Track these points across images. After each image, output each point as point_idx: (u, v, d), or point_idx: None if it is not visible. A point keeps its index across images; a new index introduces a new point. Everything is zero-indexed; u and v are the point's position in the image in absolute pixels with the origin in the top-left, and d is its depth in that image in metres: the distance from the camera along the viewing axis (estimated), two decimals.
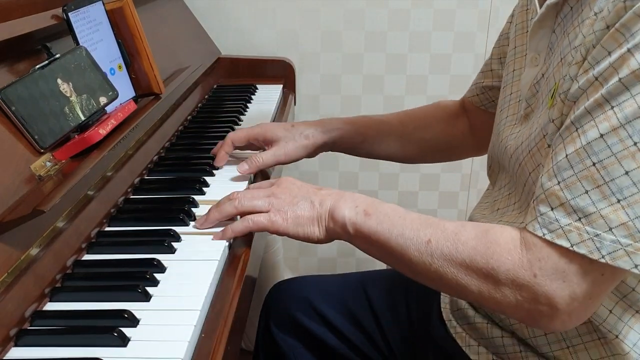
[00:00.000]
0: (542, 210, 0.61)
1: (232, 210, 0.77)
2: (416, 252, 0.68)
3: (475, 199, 1.80)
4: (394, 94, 1.73)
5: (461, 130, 1.06)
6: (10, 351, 0.59)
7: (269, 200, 0.76)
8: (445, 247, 0.66)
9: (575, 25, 0.67)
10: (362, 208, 0.73)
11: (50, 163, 0.74)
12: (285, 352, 0.98)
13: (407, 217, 0.70)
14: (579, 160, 0.59)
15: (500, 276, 0.63)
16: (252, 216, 0.75)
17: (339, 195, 0.75)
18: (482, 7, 1.64)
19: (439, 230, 0.68)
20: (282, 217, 0.75)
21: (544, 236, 0.61)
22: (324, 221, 0.74)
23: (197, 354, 0.60)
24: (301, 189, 0.77)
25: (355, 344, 0.96)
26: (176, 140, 1.14)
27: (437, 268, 0.67)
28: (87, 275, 0.72)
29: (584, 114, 0.59)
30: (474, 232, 0.66)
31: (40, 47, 0.83)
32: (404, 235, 0.69)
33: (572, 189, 0.59)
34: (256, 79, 1.57)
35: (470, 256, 0.65)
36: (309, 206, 0.75)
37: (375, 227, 0.71)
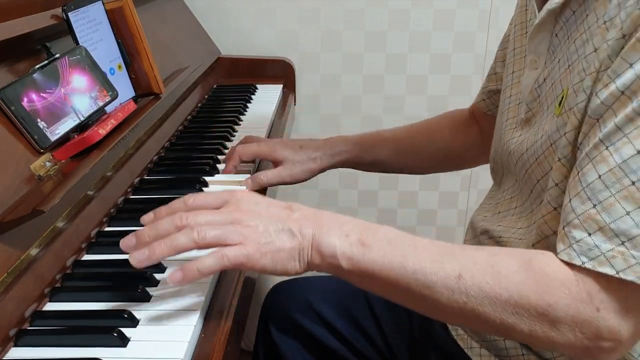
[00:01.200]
0: (578, 237, 0.56)
1: (191, 245, 0.60)
2: (444, 290, 0.58)
3: (475, 199, 1.80)
4: (394, 94, 1.73)
5: (472, 139, 1.05)
6: (10, 351, 0.59)
7: (236, 230, 0.61)
8: (484, 282, 0.57)
9: (582, 32, 0.65)
10: (356, 237, 0.61)
11: (50, 163, 0.74)
12: (285, 353, 0.97)
13: (418, 245, 0.61)
14: (615, 180, 0.54)
15: (559, 313, 0.56)
16: (226, 251, 0.60)
17: (316, 219, 0.63)
18: (482, 7, 1.64)
19: (468, 261, 0.59)
20: (260, 252, 0.61)
21: (584, 264, 0.55)
22: (306, 255, 0.62)
23: (197, 354, 0.60)
24: (269, 210, 0.64)
25: (355, 346, 0.95)
26: (176, 140, 1.14)
27: (474, 307, 0.58)
28: (87, 275, 0.72)
29: (614, 131, 0.55)
30: (514, 263, 0.58)
31: (40, 47, 0.83)
32: (425, 270, 0.59)
33: (610, 212, 0.54)
34: (256, 79, 1.57)
35: (519, 292, 0.57)
36: (288, 237, 0.62)
37: (380, 261, 0.60)
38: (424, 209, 1.85)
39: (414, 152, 1.05)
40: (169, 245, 0.60)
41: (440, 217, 1.86)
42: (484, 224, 0.82)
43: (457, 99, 1.71)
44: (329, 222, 0.63)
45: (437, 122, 1.09)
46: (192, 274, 0.59)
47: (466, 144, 1.05)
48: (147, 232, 0.62)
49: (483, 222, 0.83)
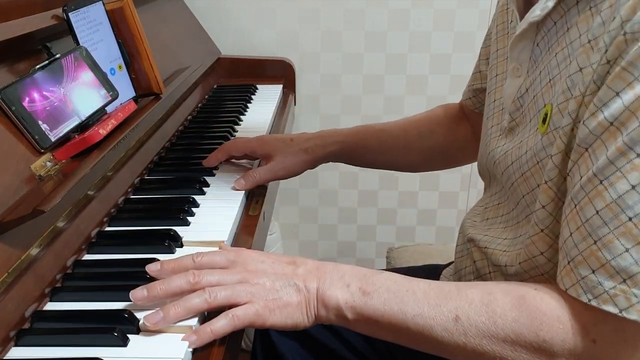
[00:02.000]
0: (583, 274, 0.56)
1: (203, 307, 0.62)
2: (444, 333, 0.60)
3: (475, 199, 1.80)
4: (394, 94, 1.73)
5: (463, 135, 1.04)
6: (10, 351, 0.59)
7: (246, 290, 0.63)
8: (480, 322, 0.59)
9: (563, 46, 0.64)
10: (357, 286, 0.63)
11: (50, 163, 0.74)
12: (283, 353, 0.97)
13: (415, 289, 0.62)
14: (612, 216, 0.54)
15: (555, 348, 0.57)
16: (235, 311, 0.62)
17: (320, 271, 0.65)
18: (482, 7, 1.64)
19: (464, 302, 0.60)
20: (269, 309, 0.63)
21: (590, 302, 0.55)
22: (313, 308, 0.64)
23: (197, 354, 0.60)
24: (274, 267, 0.66)
25: (354, 345, 0.95)
26: (176, 140, 1.14)
27: (474, 347, 0.59)
28: (87, 275, 0.72)
29: (606, 165, 0.54)
30: (508, 301, 0.59)
31: (40, 47, 0.83)
32: (423, 314, 0.60)
33: (610, 249, 0.54)
34: (256, 79, 1.57)
35: (514, 331, 0.58)
36: (294, 291, 0.64)
37: (381, 308, 0.62)
38: (423, 209, 1.86)
39: (405, 147, 1.04)
40: (184, 307, 0.62)
41: (440, 217, 1.87)
42: (471, 232, 0.82)
43: (457, 99, 1.70)
44: (331, 274, 0.65)
45: (429, 117, 1.08)
46: (206, 336, 0.61)
47: (458, 139, 1.05)
48: (160, 286, 0.63)
49: (471, 228, 0.83)
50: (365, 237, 1.90)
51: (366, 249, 1.91)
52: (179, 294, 0.63)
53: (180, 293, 0.63)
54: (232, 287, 0.63)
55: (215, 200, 0.90)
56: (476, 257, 0.79)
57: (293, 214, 1.87)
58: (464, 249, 0.84)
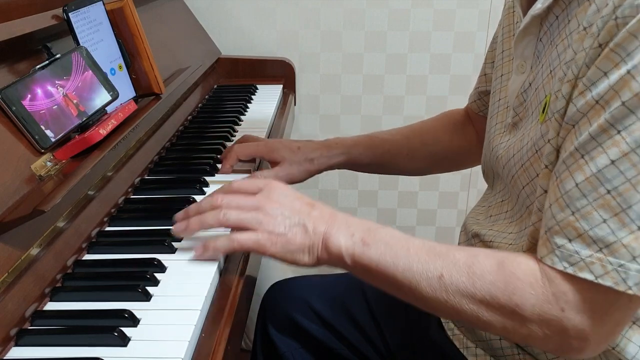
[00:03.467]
0: (559, 243, 0.59)
1: (216, 223, 0.71)
2: (428, 288, 0.64)
3: (475, 199, 1.80)
4: (394, 94, 1.73)
5: (469, 140, 1.05)
6: (10, 351, 0.59)
7: (257, 217, 0.69)
8: (460, 282, 0.62)
9: (563, 37, 0.66)
10: (360, 236, 0.68)
11: (50, 163, 0.74)
12: (283, 353, 0.98)
13: (410, 245, 0.66)
14: (591, 188, 0.57)
15: (526, 313, 0.60)
16: (237, 236, 0.69)
17: (332, 218, 0.70)
18: (482, 7, 1.64)
19: (449, 261, 0.64)
20: (271, 241, 0.68)
21: (565, 270, 0.58)
22: (317, 250, 0.69)
23: (197, 354, 0.60)
24: (293, 204, 0.71)
25: (354, 345, 0.96)
26: (176, 140, 1.14)
27: (454, 304, 0.63)
28: (87, 275, 0.72)
29: (588, 140, 0.57)
30: (488, 264, 0.62)
31: (40, 47, 0.83)
32: (412, 269, 0.64)
33: (588, 219, 0.57)
34: (256, 79, 1.57)
35: (489, 292, 0.61)
36: (302, 232, 0.69)
37: (376, 258, 0.66)
38: (423, 209, 1.86)
39: (410, 155, 1.05)
40: (199, 221, 0.72)
41: (440, 217, 1.87)
42: (475, 228, 0.82)
43: (457, 99, 1.71)
44: (340, 222, 0.69)
45: (434, 123, 1.09)
46: (209, 253, 0.71)
47: (463, 145, 1.05)
48: (193, 208, 0.74)
49: (475, 225, 0.83)
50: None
51: None
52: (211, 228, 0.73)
53: (211, 227, 0.72)
54: (245, 212, 0.70)
55: None
56: None
57: None
58: (467, 245, 0.84)
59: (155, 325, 0.62)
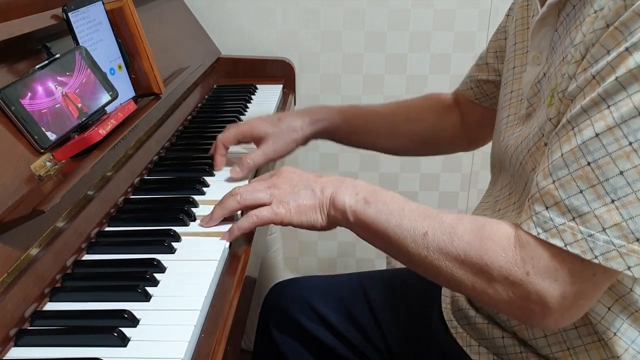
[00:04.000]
0: (537, 209, 0.61)
1: (235, 205, 0.77)
2: (413, 244, 0.68)
3: (475, 199, 1.80)
4: (394, 94, 1.73)
5: (452, 124, 1.06)
6: (10, 351, 0.59)
7: (270, 192, 0.76)
8: (441, 240, 0.66)
9: (577, 25, 0.67)
10: (363, 196, 0.72)
11: (50, 163, 0.74)
12: (285, 352, 0.98)
13: (405, 207, 0.70)
14: (574, 159, 0.59)
15: (494, 272, 0.63)
16: (255, 211, 0.76)
17: (339, 181, 0.75)
18: (482, 7, 1.64)
19: (436, 222, 0.67)
20: (285, 208, 0.75)
21: (539, 235, 0.61)
22: (325, 208, 0.74)
23: (197, 354, 0.60)
24: (301, 177, 0.77)
25: (355, 345, 0.96)
26: (176, 140, 1.14)
27: (432, 261, 0.67)
28: (87, 275, 0.72)
29: (580, 113, 0.59)
30: (470, 226, 0.66)
31: (40, 47, 0.83)
32: (402, 225, 0.69)
33: (566, 188, 0.59)
34: (256, 79, 1.57)
35: (464, 251, 0.65)
36: (310, 194, 0.75)
37: (373, 215, 0.71)
38: None
39: (392, 129, 1.05)
40: (223, 207, 0.78)
41: None
42: None
43: None
44: (348, 184, 0.75)
45: (419, 103, 1.09)
46: (234, 232, 0.76)
47: (446, 129, 1.06)
48: (217, 211, 0.79)
49: None
50: None
51: (366, 249, 1.91)
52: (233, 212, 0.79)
53: (233, 211, 0.79)
54: (258, 191, 0.76)
55: (215, 201, 0.89)
56: None
57: None
58: None
59: (155, 325, 0.62)
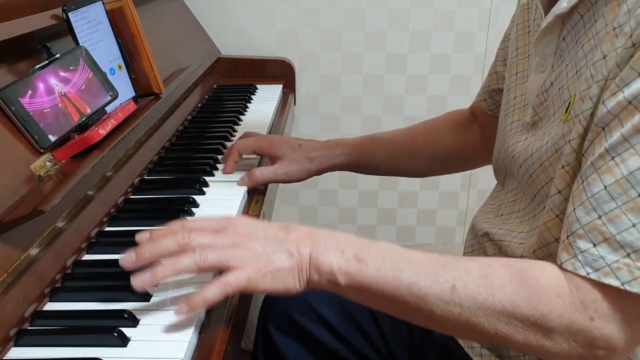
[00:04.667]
0: (583, 247, 0.56)
1: (193, 267, 0.61)
2: (439, 302, 0.59)
3: (475, 199, 1.80)
4: (394, 94, 1.73)
5: (472, 140, 1.04)
6: (10, 351, 0.59)
7: (237, 254, 0.62)
8: (476, 293, 0.58)
9: (590, 37, 0.64)
10: (352, 252, 0.63)
11: (50, 163, 0.74)
12: (284, 353, 0.97)
13: (412, 259, 0.62)
14: (621, 191, 0.54)
15: (552, 323, 0.56)
16: (228, 279, 0.61)
17: (313, 238, 0.65)
18: (482, 7, 1.64)
19: (461, 272, 0.59)
20: (261, 274, 0.62)
21: (589, 275, 0.56)
22: (305, 272, 0.63)
23: (197, 354, 0.60)
24: (266, 232, 0.65)
25: (355, 346, 0.95)
26: (176, 140, 1.14)
27: (469, 318, 0.58)
28: (87, 275, 0.72)
29: (620, 142, 0.55)
30: (507, 273, 0.59)
31: (40, 47, 0.83)
32: (419, 283, 0.59)
33: (616, 223, 0.54)
34: (256, 79, 1.57)
35: (511, 302, 0.57)
36: (287, 256, 0.63)
37: (376, 275, 0.61)
38: (424, 209, 1.85)
39: (412, 155, 1.04)
40: (172, 267, 0.60)
41: (440, 217, 1.86)
42: (485, 227, 0.81)
43: (457, 99, 1.71)
44: (325, 240, 0.64)
45: (436, 124, 1.07)
46: (198, 305, 0.60)
47: (467, 145, 1.05)
48: (148, 249, 0.62)
49: (485, 223, 0.83)
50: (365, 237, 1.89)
51: None
52: (167, 255, 0.61)
53: (168, 255, 0.61)
54: (223, 250, 0.62)
55: (215, 201, 0.90)
56: (489, 251, 0.79)
57: (293, 214, 1.87)
58: (475, 243, 0.84)
59: (155, 325, 0.62)
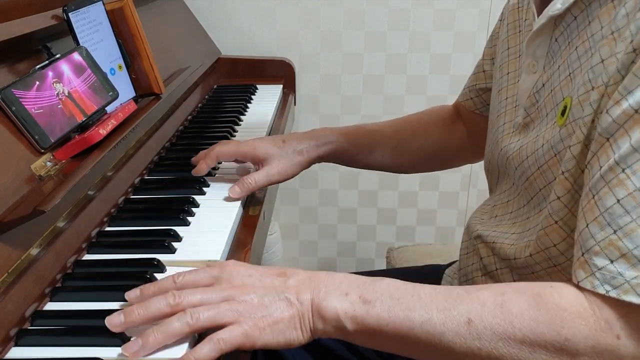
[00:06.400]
0: (600, 264, 0.54)
1: (185, 330, 0.57)
2: (456, 338, 0.56)
3: (475, 199, 1.80)
4: (394, 94, 1.73)
5: (458, 137, 1.04)
6: (10, 351, 0.59)
7: (232, 308, 0.58)
8: (495, 324, 0.56)
9: (584, 39, 0.64)
10: (356, 295, 0.59)
11: (50, 163, 0.74)
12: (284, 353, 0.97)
13: (421, 294, 0.59)
14: (635, 204, 0.53)
15: (578, 346, 0.54)
16: (222, 336, 0.57)
17: (313, 282, 0.61)
18: (482, 7, 1.64)
19: (476, 304, 0.57)
20: (259, 328, 0.58)
21: (608, 293, 0.54)
22: (308, 322, 0.60)
23: None
24: (263, 280, 0.61)
25: (356, 348, 0.95)
26: (176, 140, 1.14)
27: (489, 351, 0.56)
28: (87, 275, 0.72)
29: (630, 153, 0.53)
30: (524, 300, 0.56)
31: (40, 47, 0.83)
32: (432, 320, 0.57)
33: (632, 237, 0.53)
34: (256, 79, 1.57)
35: (533, 330, 0.55)
36: (286, 306, 0.59)
37: (386, 316, 0.58)
38: (423, 209, 1.86)
39: (398, 147, 1.03)
40: (164, 333, 0.57)
41: (440, 217, 1.87)
42: (479, 228, 0.81)
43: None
44: (326, 283, 0.61)
45: (422, 118, 1.07)
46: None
47: (452, 141, 1.04)
48: (137, 311, 0.59)
49: (479, 225, 0.83)
50: (365, 237, 1.90)
51: (366, 249, 1.91)
52: (159, 318, 0.58)
53: (160, 317, 0.58)
54: (216, 307, 0.58)
55: (215, 201, 0.90)
56: (483, 253, 0.79)
57: (293, 214, 1.87)
58: (470, 245, 0.84)
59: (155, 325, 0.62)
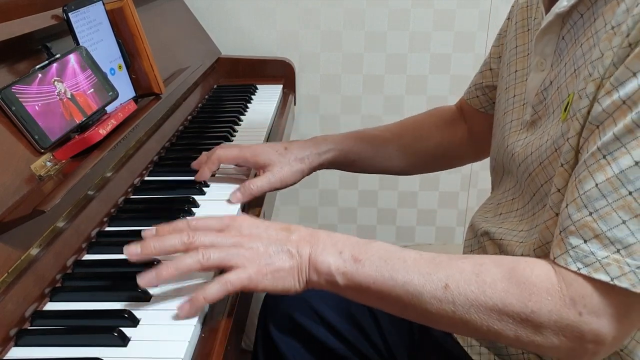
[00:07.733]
0: (574, 243, 0.58)
1: (196, 266, 0.63)
2: (433, 300, 0.61)
3: (475, 199, 1.80)
4: (394, 94, 1.73)
5: (460, 137, 1.04)
6: (10, 351, 0.59)
7: (239, 253, 0.64)
8: (469, 291, 0.60)
9: (589, 36, 0.65)
10: (349, 254, 0.65)
11: (50, 163, 0.74)
12: (285, 353, 0.97)
13: (407, 258, 0.64)
14: (612, 189, 0.55)
15: (542, 318, 0.58)
16: (229, 277, 0.63)
17: (313, 238, 0.67)
18: (482, 7, 1.64)
19: (454, 271, 0.61)
20: (261, 274, 0.64)
21: (579, 270, 0.57)
22: (305, 273, 0.65)
23: (197, 354, 0.60)
24: (268, 231, 0.67)
25: (355, 345, 0.95)
26: (176, 140, 1.14)
27: (462, 315, 0.60)
28: (87, 275, 0.72)
29: (612, 140, 0.56)
30: (499, 271, 0.60)
31: (40, 47, 0.83)
32: (413, 282, 0.62)
33: (607, 220, 0.56)
34: (256, 79, 1.57)
35: (502, 300, 0.59)
36: (287, 257, 0.65)
37: (373, 274, 0.63)
38: (423, 209, 1.86)
39: (399, 151, 1.03)
40: (176, 267, 0.63)
41: (440, 217, 1.87)
42: (484, 225, 0.81)
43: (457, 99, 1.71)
44: (324, 241, 0.66)
45: (423, 120, 1.07)
46: (199, 303, 0.63)
47: (453, 142, 1.04)
48: (153, 244, 0.65)
49: (484, 223, 0.83)
50: (365, 237, 1.89)
51: None
52: (172, 252, 0.64)
53: (173, 252, 0.64)
54: (226, 250, 0.64)
55: (215, 201, 0.90)
56: (489, 250, 0.79)
57: (293, 214, 1.87)
58: (475, 242, 0.84)
59: (155, 325, 0.62)
